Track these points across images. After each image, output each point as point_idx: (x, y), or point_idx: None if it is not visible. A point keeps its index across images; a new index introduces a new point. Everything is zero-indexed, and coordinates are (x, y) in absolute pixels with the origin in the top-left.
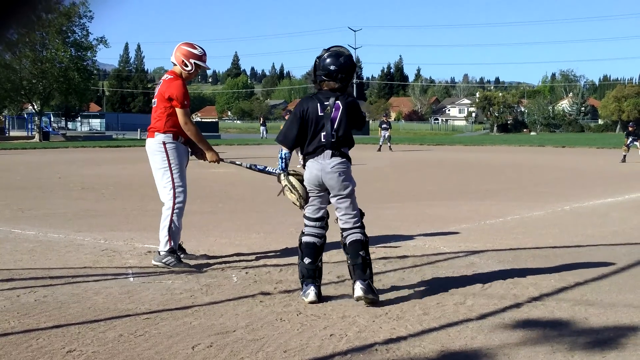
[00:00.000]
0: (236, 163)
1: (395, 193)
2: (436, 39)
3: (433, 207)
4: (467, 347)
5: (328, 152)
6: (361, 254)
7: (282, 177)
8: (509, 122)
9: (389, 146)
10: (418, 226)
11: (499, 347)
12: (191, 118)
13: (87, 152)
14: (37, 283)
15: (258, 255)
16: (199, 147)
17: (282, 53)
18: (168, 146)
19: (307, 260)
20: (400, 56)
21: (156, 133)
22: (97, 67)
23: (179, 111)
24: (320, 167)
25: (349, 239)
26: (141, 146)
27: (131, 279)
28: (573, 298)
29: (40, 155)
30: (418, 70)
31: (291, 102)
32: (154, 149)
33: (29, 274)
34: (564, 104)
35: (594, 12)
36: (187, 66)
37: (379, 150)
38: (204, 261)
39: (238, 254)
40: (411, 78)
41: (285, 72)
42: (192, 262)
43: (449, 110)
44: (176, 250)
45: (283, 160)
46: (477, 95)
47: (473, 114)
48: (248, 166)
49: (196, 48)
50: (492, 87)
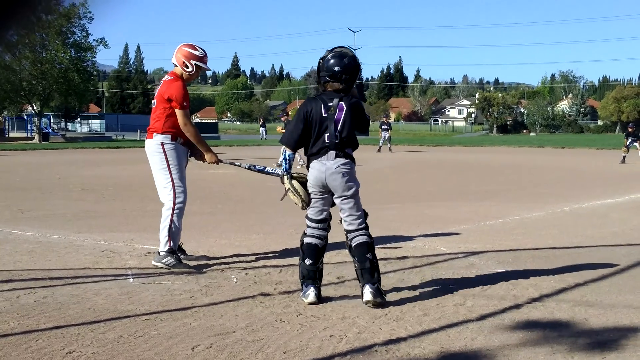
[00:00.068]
0: (235, 164)
1: (395, 194)
2: (436, 40)
3: (433, 208)
4: (467, 348)
5: (332, 153)
6: (368, 257)
7: (286, 180)
8: (509, 123)
9: (389, 147)
10: (418, 227)
11: (499, 348)
12: (191, 119)
13: (87, 153)
14: (37, 284)
15: (258, 256)
16: (198, 149)
17: (282, 54)
18: (166, 147)
19: (308, 261)
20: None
21: (155, 134)
22: (97, 68)
23: (179, 112)
24: (324, 168)
25: (355, 242)
26: (141, 147)
27: (131, 280)
28: (573, 299)
29: (39, 156)
30: (417, 71)
31: (291, 103)
32: (153, 150)
33: (29, 275)
34: (564, 105)
35: (594, 13)
36: (188, 67)
37: (379, 151)
38: (204, 262)
39: (238, 255)
40: (411, 79)
41: (284, 73)
42: (192, 263)
43: (449, 111)
44: (176, 251)
45: (287, 161)
46: (477, 96)
47: (472, 115)
48: (247, 167)
49: (197, 49)
50: (492, 88)
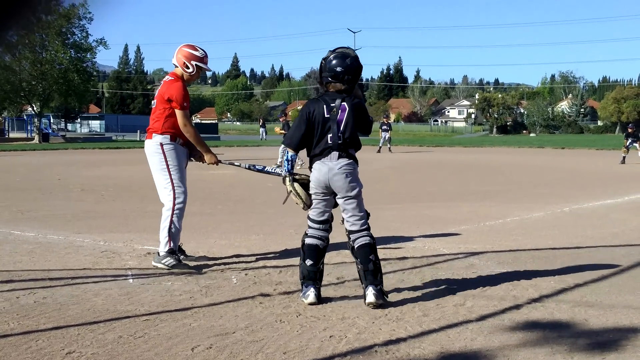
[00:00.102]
0: (235, 164)
1: (394, 194)
2: (435, 41)
3: (433, 209)
4: (467, 349)
5: (335, 154)
6: (371, 259)
7: (288, 182)
8: (509, 124)
9: (389, 148)
10: (418, 227)
11: (499, 349)
12: (190, 120)
13: (87, 154)
14: (37, 284)
15: (257, 256)
16: (197, 150)
17: (282, 54)
18: (165, 147)
19: (309, 262)
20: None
21: (154, 134)
22: (97, 69)
23: (178, 113)
24: (327, 169)
25: (358, 243)
26: (140, 148)
27: (131, 281)
28: (572, 299)
29: (39, 156)
30: (417, 71)
31: (291, 104)
32: (152, 150)
33: (29, 276)
34: (564, 106)
35: (593, 14)
36: (189, 68)
37: (379, 151)
38: (204, 262)
39: (237, 256)
40: (410, 79)
41: (284, 74)
42: (192, 264)
43: (449, 111)
44: (176, 251)
45: (289, 162)
46: (477, 96)
47: (472, 116)
48: (247, 167)
49: (197, 50)
50: (492, 89)
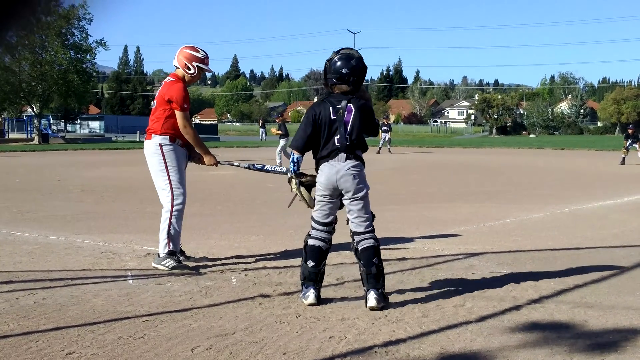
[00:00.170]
0: (234, 164)
1: (394, 195)
2: (435, 41)
3: (432, 209)
4: (467, 350)
5: (342, 155)
6: (374, 262)
7: (294, 184)
8: (508, 125)
9: (389, 148)
10: (417, 228)
11: (499, 350)
12: (190, 121)
13: (87, 155)
14: (37, 285)
15: (257, 257)
16: (196, 151)
17: (282, 55)
18: (165, 148)
19: (311, 263)
20: (399, 58)
21: (153, 135)
22: (97, 70)
23: (178, 114)
24: (334, 171)
25: (362, 246)
26: (140, 148)
27: (130, 282)
28: (572, 300)
29: (39, 157)
30: (417, 72)
31: (290, 105)
32: (151, 151)
33: (28, 277)
34: (563, 106)
35: (593, 14)
36: (190, 69)
37: (379, 152)
38: (203, 263)
39: (237, 256)
40: (410, 80)
41: (284, 75)
42: (192, 265)
43: (448, 112)
44: (176, 252)
45: (295, 164)
46: (476, 97)
47: (472, 116)
48: (246, 166)
49: (198, 51)
50: (491, 90)
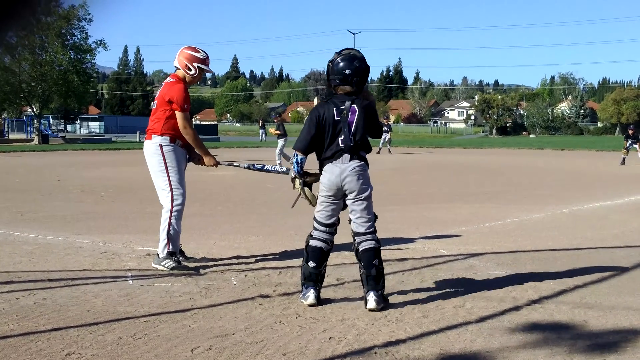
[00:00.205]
0: (234, 164)
1: (394, 196)
2: (435, 42)
3: (432, 210)
4: (467, 350)
5: (346, 156)
6: (375, 264)
7: (298, 184)
8: (508, 125)
9: (389, 149)
10: (417, 229)
11: (498, 350)
12: (191, 122)
13: (86, 155)
14: (36, 286)
15: (257, 258)
16: (196, 152)
17: (281, 56)
18: (165, 149)
19: (312, 264)
20: (399, 59)
21: (153, 135)
22: (96, 70)
23: (179, 114)
24: (339, 171)
25: (363, 247)
26: (140, 149)
27: (130, 282)
28: (572, 301)
29: (39, 157)
30: (417, 73)
31: (290, 105)
32: (151, 152)
33: (28, 277)
34: (563, 107)
35: (593, 15)
36: (191, 70)
37: (379, 152)
38: (203, 264)
39: (237, 257)
40: (410, 81)
41: (284, 75)
42: (191, 265)
43: (448, 113)
44: (176, 253)
45: (298, 164)
46: (476, 98)
47: (472, 117)
48: (246, 166)
49: (199, 52)
50: (491, 90)
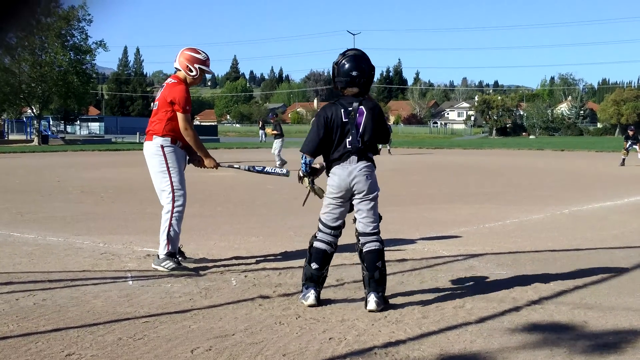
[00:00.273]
0: (234, 166)
1: (394, 196)
2: (435, 43)
3: (432, 211)
4: (466, 351)
5: (354, 158)
6: (378, 266)
7: (307, 182)
8: (508, 126)
9: (389, 150)
10: (417, 229)
11: (498, 351)
12: (192, 123)
13: (86, 156)
14: (36, 286)
15: (257, 258)
16: (197, 154)
17: (281, 56)
18: (166, 150)
19: (315, 265)
20: (399, 59)
21: (154, 136)
22: (96, 71)
23: (180, 116)
24: (347, 172)
25: (367, 248)
26: (140, 149)
27: (130, 283)
28: (572, 301)
29: (39, 158)
30: (417, 73)
31: (290, 106)
32: (152, 152)
33: (28, 278)
34: (563, 108)
35: (593, 16)
36: (192, 71)
37: (378, 153)
38: (203, 264)
39: (237, 258)
40: (410, 81)
41: (284, 76)
42: (191, 266)
43: (448, 113)
44: (176, 253)
45: (307, 165)
46: (476, 98)
47: (472, 118)
48: (247, 168)
49: (200, 53)
50: (491, 91)
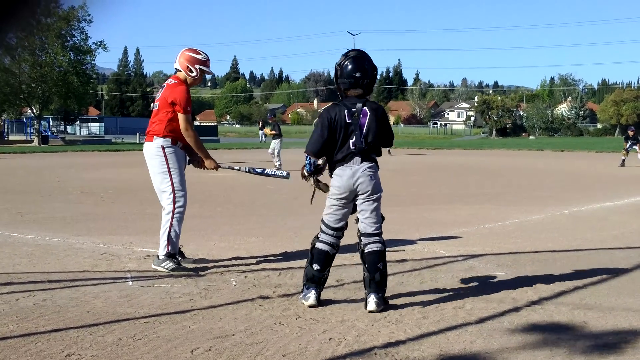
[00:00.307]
0: (234, 168)
1: (394, 197)
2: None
3: (432, 211)
4: (466, 351)
5: (358, 159)
6: (379, 267)
7: (312, 180)
8: (508, 126)
9: (388, 150)
10: (417, 230)
11: (498, 351)
12: (192, 124)
13: (86, 156)
14: (36, 287)
15: (257, 259)
16: (197, 155)
17: (281, 57)
18: (167, 150)
19: (316, 266)
20: (399, 60)
21: (155, 137)
22: (96, 71)
23: (181, 116)
24: (351, 173)
25: (369, 249)
26: (140, 150)
27: (130, 283)
28: (572, 302)
29: (39, 159)
30: (417, 74)
31: (290, 106)
32: (153, 153)
33: (28, 278)
34: (563, 108)
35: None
36: (192, 72)
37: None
38: (203, 265)
39: (237, 258)
40: (410, 82)
41: (284, 76)
42: (191, 266)
43: (448, 114)
44: (176, 254)
45: (311, 165)
46: (476, 99)
47: (472, 118)
48: (247, 170)
49: (200, 53)
50: (491, 91)
